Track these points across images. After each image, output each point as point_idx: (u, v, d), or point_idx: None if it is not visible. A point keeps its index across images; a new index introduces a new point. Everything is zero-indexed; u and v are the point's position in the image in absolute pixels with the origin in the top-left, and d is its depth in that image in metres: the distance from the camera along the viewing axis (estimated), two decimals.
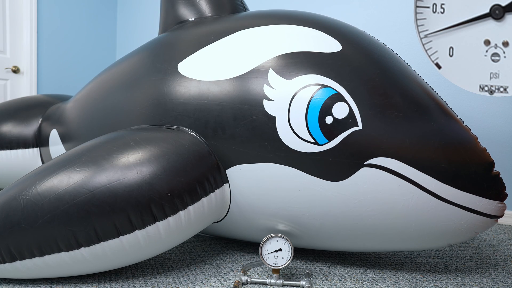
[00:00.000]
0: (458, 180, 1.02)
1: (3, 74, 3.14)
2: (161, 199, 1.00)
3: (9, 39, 3.15)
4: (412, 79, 1.12)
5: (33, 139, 1.94)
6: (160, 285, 1.05)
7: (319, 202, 1.07)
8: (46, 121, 1.90)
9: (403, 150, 1.02)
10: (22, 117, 1.98)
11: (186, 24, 1.42)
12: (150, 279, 1.08)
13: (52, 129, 1.82)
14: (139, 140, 1.08)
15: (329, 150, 1.03)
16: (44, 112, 1.97)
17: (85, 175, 0.99)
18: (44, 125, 1.90)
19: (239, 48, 1.18)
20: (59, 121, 1.78)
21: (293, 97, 1.06)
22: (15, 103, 2.09)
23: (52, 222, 0.95)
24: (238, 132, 1.10)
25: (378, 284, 1.11)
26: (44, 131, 1.88)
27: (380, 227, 1.07)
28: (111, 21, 3.79)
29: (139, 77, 1.32)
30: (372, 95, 1.05)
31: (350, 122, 1.03)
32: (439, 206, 1.03)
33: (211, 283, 1.08)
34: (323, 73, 1.07)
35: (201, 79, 1.18)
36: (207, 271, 1.16)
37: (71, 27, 3.44)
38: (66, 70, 3.42)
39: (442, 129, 1.04)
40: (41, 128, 1.92)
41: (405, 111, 1.04)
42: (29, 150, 1.96)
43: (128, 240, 0.98)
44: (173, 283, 1.07)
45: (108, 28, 3.76)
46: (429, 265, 1.28)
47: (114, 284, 1.04)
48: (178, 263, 1.23)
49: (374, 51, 1.14)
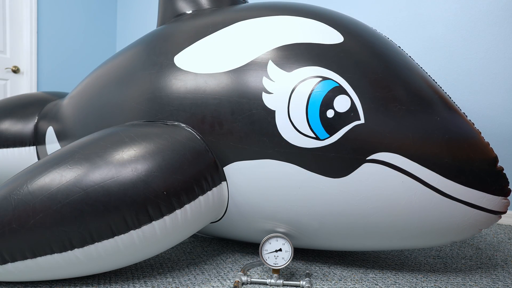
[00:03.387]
0: (461, 175, 0.99)
1: (3, 74, 3.17)
2: (157, 197, 0.96)
3: (9, 39, 3.20)
4: (415, 72, 1.08)
5: (30, 137, 1.92)
6: (160, 285, 1.03)
7: (320, 200, 1.03)
8: (43, 118, 1.88)
9: (406, 144, 0.98)
10: (19, 115, 1.96)
11: (184, 17, 1.39)
12: (150, 279, 1.06)
13: (49, 126, 1.80)
14: (133, 137, 1.04)
15: (330, 145, 1.00)
16: (41, 110, 1.94)
17: (78, 173, 0.96)
18: (41, 122, 1.87)
19: (237, 39, 1.15)
20: (55, 118, 1.75)
21: (293, 90, 1.03)
22: (12, 101, 2.07)
23: (44, 222, 0.92)
24: (236, 127, 1.06)
25: (378, 284, 1.08)
26: (40, 128, 1.86)
27: (382, 224, 1.04)
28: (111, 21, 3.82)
29: (134, 71, 1.29)
30: (374, 88, 1.01)
31: (352, 116, 0.99)
32: (443, 202, 1.00)
33: (211, 283, 1.05)
34: (324, 65, 1.04)
35: (198, 72, 1.14)
36: (207, 271, 1.14)
37: (71, 27, 3.49)
38: (66, 70, 3.45)
39: (446, 123, 1.01)
40: (37, 125, 1.89)
41: (408, 104, 1.01)
42: (25, 149, 1.94)
43: (123, 240, 0.95)
44: (173, 283, 1.04)
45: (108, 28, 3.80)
46: (429, 265, 1.26)
47: (114, 285, 1.02)
48: (178, 263, 1.20)
49: (376, 43, 1.11)
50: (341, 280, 1.10)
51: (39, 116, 1.91)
